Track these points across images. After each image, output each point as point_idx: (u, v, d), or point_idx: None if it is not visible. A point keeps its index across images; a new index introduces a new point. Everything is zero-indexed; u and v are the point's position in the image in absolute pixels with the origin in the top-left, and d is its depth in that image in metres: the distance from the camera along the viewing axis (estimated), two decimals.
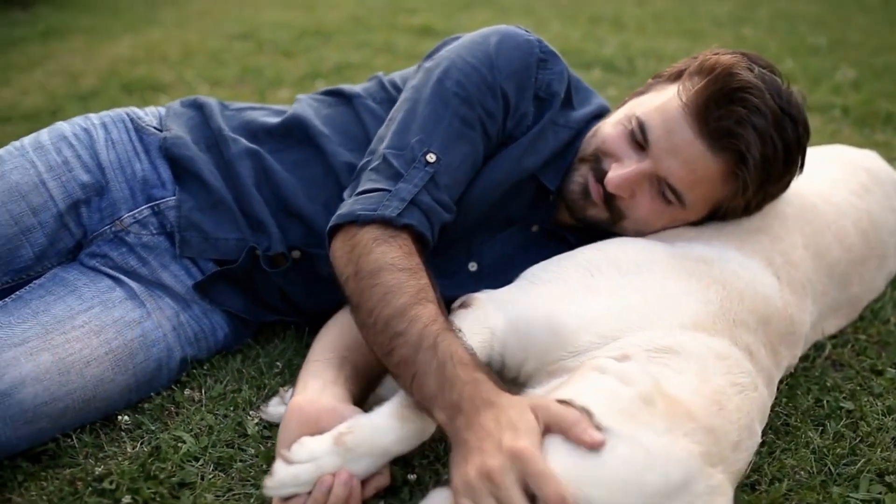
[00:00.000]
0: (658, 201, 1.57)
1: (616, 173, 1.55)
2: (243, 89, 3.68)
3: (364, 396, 1.50)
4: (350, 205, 1.46)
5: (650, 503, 1.10)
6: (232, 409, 1.58)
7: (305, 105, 1.81)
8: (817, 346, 1.73)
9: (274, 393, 1.61)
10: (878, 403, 1.59)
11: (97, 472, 1.40)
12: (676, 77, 1.60)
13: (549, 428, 1.15)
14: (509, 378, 1.47)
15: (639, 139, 1.54)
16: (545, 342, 1.39)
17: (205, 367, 1.69)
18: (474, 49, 1.60)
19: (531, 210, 1.72)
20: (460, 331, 1.34)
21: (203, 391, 1.63)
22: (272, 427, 1.52)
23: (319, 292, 1.72)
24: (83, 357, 1.49)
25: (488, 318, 1.45)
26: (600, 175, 1.59)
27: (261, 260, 1.66)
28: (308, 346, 1.58)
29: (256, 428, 1.51)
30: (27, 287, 1.58)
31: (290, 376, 1.66)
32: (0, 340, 1.44)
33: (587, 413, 1.16)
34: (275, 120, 1.78)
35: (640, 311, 1.39)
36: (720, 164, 1.50)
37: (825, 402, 1.58)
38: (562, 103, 1.67)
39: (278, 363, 1.69)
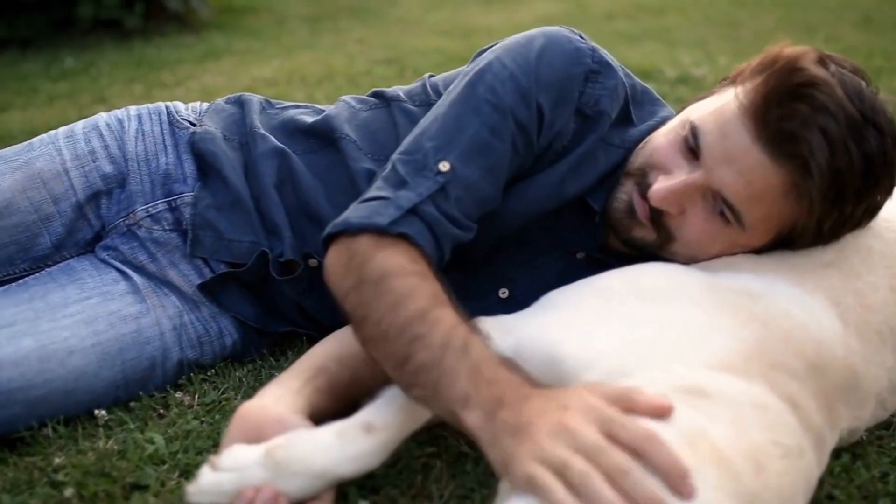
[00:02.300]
0: (714, 221, 1.43)
1: (661, 185, 1.43)
2: None
3: (343, 413, 1.44)
4: (346, 213, 1.40)
5: None
6: (218, 416, 1.58)
7: (343, 107, 1.81)
8: None
9: None
10: None
11: (56, 463, 1.43)
12: (739, 77, 1.47)
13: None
14: None
15: (692, 146, 1.42)
16: (547, 375, 1.27)
17: (208, 373, 1.70)
18: (515, 52, 1.52)
19: (577, 234, 1.62)
20: (489, 336, 1.26)
21: (196, 396, 1.63)
22: None
23: (335, 304, 1.69)
24: (67, 346, 1.53)
25: None
26: (645, 190, 1.48)
27: (271, 265, 1.66)
28: None
29: None
30: (37, 274, 1.66)
31: None
32: None
33: None
34: (311, 120, 1.79)
35: (656, 345, 1.26)
36: (782, 175, 1.35)
37: (892, 478, 1.37)
38: (619, 120, 1.58)
39: (277, 374, 1.68)
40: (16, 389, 1.48)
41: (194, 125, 1.79)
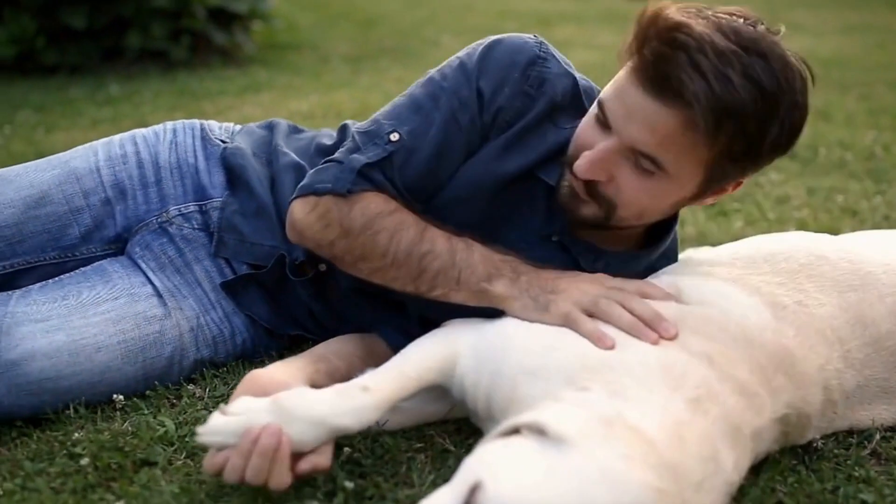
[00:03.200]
0: (641, 176, 1.54)
1: (582, 159, 1.56)
2: None
3: None
4: (309, 178, 1.69)
5: None
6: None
7: None
8: (864, 435, 1.63)
9: None
10: None
11: (74, 438, 1.61)
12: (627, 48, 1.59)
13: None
14: (472, 410, 1.55)
15: (601, 120, 1.56)
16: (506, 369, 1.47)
17: (220, 370, 1.88)
18: (470, 49, 1.73)
19: (545, 216, 1.74)
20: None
21: (207, 390, 1.81)
22: None
23: (343, 310, 1.87)
24: (96, 343, 1.71)
25: (457, 339, 1.55)
26: None
27: (287, 267, 1.84)
28: None
29: None
30: (71, 273, 1.84)
31: None
32: (24, 315, 1.69)
33: (539, 430, 1.23)
34: (331, 143, 1.98)
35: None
36: (674, 115, 1.46)
37: (842, 491, 1.49)
38: (571, 109, 1.70)
39: None
40: (46, 380, 1.66)
41: (225, 143, 2.00)
